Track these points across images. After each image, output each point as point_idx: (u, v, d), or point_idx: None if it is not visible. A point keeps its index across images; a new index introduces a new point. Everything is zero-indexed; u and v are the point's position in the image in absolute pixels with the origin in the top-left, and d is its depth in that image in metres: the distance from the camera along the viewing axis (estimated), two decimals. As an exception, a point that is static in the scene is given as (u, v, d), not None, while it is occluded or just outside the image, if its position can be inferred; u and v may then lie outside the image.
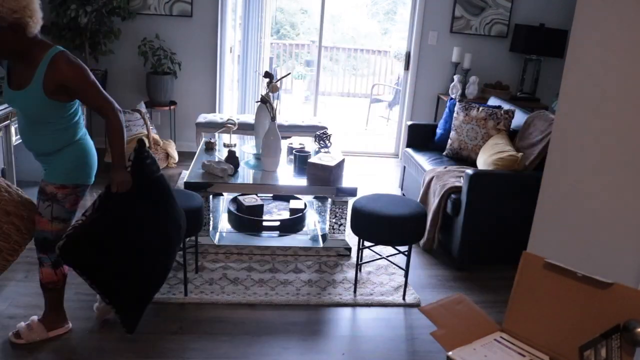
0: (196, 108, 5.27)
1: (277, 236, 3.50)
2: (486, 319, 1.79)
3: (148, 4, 4.90)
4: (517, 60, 5.45)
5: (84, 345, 2.40)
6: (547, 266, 1.70)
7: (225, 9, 5.06)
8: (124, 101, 5.13)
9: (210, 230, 3.36)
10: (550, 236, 2.31)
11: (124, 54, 5.03)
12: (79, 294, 2.79)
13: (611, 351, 1.48)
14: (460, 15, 5.25)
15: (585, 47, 2.12)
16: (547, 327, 1.67)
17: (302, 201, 3.82)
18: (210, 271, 3.08)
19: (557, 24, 5.26)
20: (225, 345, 2.48)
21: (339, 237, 3.40)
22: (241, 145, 3.98)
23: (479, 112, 3.92)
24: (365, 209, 2.83)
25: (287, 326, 2.66)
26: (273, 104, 3.37)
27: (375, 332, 2.67)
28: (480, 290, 3.12)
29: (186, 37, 5.06)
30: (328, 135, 3.92)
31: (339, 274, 3.17)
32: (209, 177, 3.25)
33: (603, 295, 1.56)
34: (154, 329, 2.55)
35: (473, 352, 1.62)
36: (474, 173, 3.18)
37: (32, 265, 3.03)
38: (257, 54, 5.49)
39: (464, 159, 4.00)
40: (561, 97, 2.24)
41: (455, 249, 3.33)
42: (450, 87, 5.18)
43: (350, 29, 10.63)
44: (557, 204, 2.27)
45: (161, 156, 4.67)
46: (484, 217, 3.25)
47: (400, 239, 2.83)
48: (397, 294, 2.98)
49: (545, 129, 3.47)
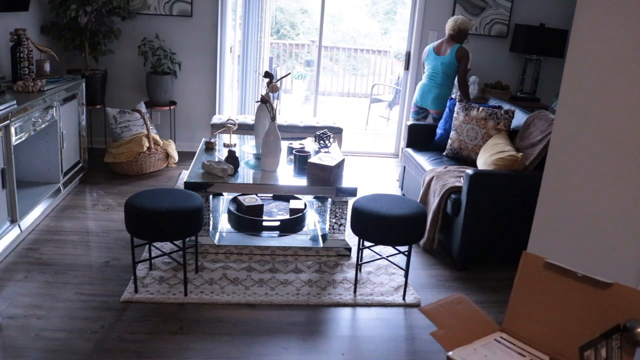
0: (196, 108, 5.28)
1: (277, 236, 3.50)
2: (486, 319, 1.78)
3: (148, 4, 4.90)
4: (517, 60, 5.45)
5: (84, 345, 2.40)
6: (547, 266, 1.69)
7: (225, 9, 5.06)
8: (124, 101, 5.14)
9: (210, 230, 3.36)
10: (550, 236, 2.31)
11: (124, 54, 5.03)
12: (78, 294, 2.79)
13: (611, 351, 1.48)
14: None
15: (585, 47, 2.11)
16: (547, 327, 1.66)
17: (302, 201, 3.82)
18: (210, 271, 3.08)
19: (557, 24, 5.26)
20: (225, 345, 2.48)
21: (339, 237, 3.40)
22: (241, 145, 3.98)
23: (479, 112, 3.92)
24: (365, 209, 2.83)
25: (287, 326, 2.66)
26: (273, 104, 3.37)
27: (375, 332, 2.67)
28: (480, 290, 3.12)
29: (186, 37, 5.06)
30: (328, 136, 3.92)
31: (339, 274, 3.17)
32: (209, 177, 3.25)
33: (603, 295, 1.56)
34: (154, 329, 2.55)
35: (473, 352, 1.62)
36: (474, 173, 3.18)
37: (32, 265, 3.03)
38: (257, 54, 5.49)
39: (464, 159, 4.00)
40: (561, 97, 2.24)
41: (455, 249, 3.33)
42: (450, 87, 5.17)
43: (350, 29, 10.63)
44: (557, 204, 2.26)
45: (161, 156, 4.67)
46: (484, 217, 3.25)
47: (400, 239, 2.83)
48: (397, 294, 2.98)
49: (545, 129, 3.47)
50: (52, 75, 4.03)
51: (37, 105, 3.41)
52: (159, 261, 3.13)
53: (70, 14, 4.39)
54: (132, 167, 4.49)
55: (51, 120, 3.69)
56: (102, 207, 3.91)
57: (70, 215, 3.73)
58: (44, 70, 4.03)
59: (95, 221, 3.67)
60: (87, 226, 3.59)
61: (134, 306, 2.72)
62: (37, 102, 3.39)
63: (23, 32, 3.66)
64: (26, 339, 2.41)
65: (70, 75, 4.27)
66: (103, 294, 2.81)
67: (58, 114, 3.78)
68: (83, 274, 2.98)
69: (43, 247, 3.25)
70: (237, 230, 3.54)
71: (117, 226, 3.60)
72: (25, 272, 2.96)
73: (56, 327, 2.51)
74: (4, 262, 3.05)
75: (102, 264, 3.11)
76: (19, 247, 3.23)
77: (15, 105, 3.13)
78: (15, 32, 3.64)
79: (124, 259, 3.18)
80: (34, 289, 2.81)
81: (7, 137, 3.06)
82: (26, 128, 3.32)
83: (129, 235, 3.05)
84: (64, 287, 2.85)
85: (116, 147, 4.46)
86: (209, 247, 3.29)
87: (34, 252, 3.20)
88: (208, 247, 3.29)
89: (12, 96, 3.30)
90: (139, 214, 2.63)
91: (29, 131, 3.36)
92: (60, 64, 4.72)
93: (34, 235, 3.40)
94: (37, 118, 3.44)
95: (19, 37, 3.65)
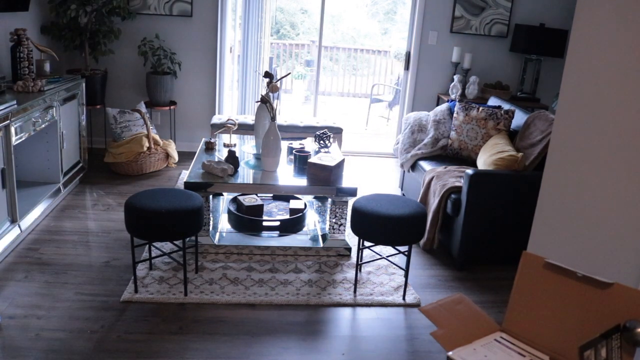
0: (196, 108, 5.28)
1: (277, 236, 3.50)
2: (486, 319, 1.78)
3: (148, 4, 4.90)
4: (517, 60, 5.45)
5: (84, 345, 2.40)
6: (547, 266, 1.69)
7: (225, 9, 5.05)
8: (124, 101, 5.14)
9: (210, 230, 3.36)
10: (550, 236, 2.31)
11: (124, 54, 5.03)
12: (78, 294, 2.79)
13: (611, 351, 1.48)
14: (460, 15, 5.25)
15: (585, 47, 2.11)
16: (547, 327, 1.67)
17: (302, 201, 3.82)
18: (210, 271, 3.08)
19: (557, 24, 5.26)
20: (225, 345, 2.48)
21: (339, 237, 3.40)
22: (241, 145, 3.98)
23: (479, 112, 3.92)
24: (365, 209, 2.83)
25: (287, 326, 2.66)
26: (273, 104, 3.37)
27: (375, 332, 2.67)
28: (480, 290, 3.12)
29: (186, 37, 5.06)
30: (328, 136, 3.92)
31: (339, 274, 3.17)
32: (209, 177, 3.25)
33: (603, 295, 1.56)
34: (154, 329, 2.55)
35: (473, 352, 1.62)
36: (474, 173, 3.18)
37: (32, 265, 3.03)
38: (257, 54, 5.49)
39: (464, 159, 4.00)
40: (561, 97, 2.24)
41: (455, 249, 3.33)
42: (450, 87, 5.18)
43: (350, 29, 10.63)
44: (557, 204, 2.26)
45: (161, 156, 4.67)
46: (484, 217, 3.25)
47: (400, 239, 2.83)
48: (397, 294, 2.98)
49: (545, 129, 3.47)
50: (52, 75, 4.02)
51: (37, 105, 3.41)
52: (159, 261, 3.13)
53: (70, 14, 4.39)
54: (132, 167, 4.50)
55: (51, 120, 3.68)
56: (102, 207, 3.91)
57: (70, 215, 3.73)
58: (44, 70, 4.03)
59: (95, 221, 3.67)
60: (87, 226, 3.59)
61: (134, 306, 2.72)
62: (37, 102, 3.39)
63: (23, 32, 3.66)
64: (26, 339, 2.41)
65: (70, 75, 4.27)
66: (103, 294, 2.81)
67: (58, 114, 3.78)
68: (83, 274, 2.98)
69: (43, 247, 3.25)
70: (237, 230, 3.54)
71: (117, 226, 3.60)
72: (25, 272, 2.96)
73: (56, 327, 2.51)
74: (4, 262, 3.06)
75: (102, 264, 3.11)
76: (19, 247, 3.23)
77: (15, 105, 3.13)
78: (15, 32, 3.64)
79: (124, 259, 3.18)
80: (34, 289, 2.81)
81: (7, 137, 3.06)
82: (26, 128, 3.32)
83: (129, 235, 3.05)
84: (64, 287, 2.85)
85: (116, 147, 4.46)
86: (209, 247, 3.29)
87: (34, 252, 3.20)
88: (208, 247, 3.29)
89: (12, 96, 3.30)
90: (139, 214, 2.63)
91: (29, 131, 3.36)
92: (60, 64, 4.72)
93: (34, 235, 3.40)
94: (37, 118, 3.44)
95: (19, 37, 3.65)
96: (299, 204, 3.76)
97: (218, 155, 3.67)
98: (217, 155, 3.67)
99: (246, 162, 3.60)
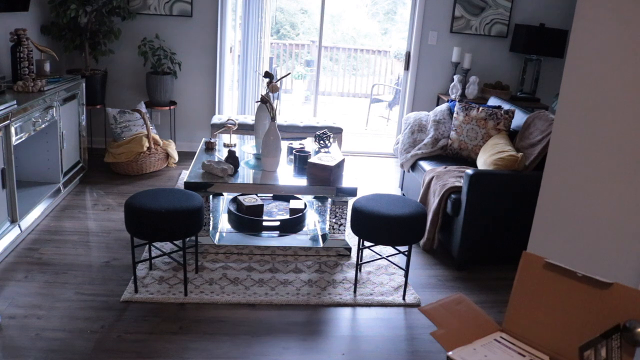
0: (196, 108, 5.28)
1: (277, 236, 3.50)
2: (486, 319, 1.78)
3: (148, 4, 4.90)
4: (517, 60, 5.45)
5: (84, 345, 2.41)
6: (547, 266, 1.69)
7: (225, 9, 5.06)
8: (124, 101, 5.14)
9: (210, 230, 3.36)
10: (550, 236, 2.31)
11: (124, 54, 5.03)
12: (79, 294, 2.79)
13: (611, 351, 1.48)
14: (460, 15, 5.25)
15: (585, 47, 2.11)
16: (547, 327, 1.67)
17: (302, 201, 3.82)
18: (210, 271, 3.08)
19: (557, 24, 5.26)
20: (225, 345, 2.48)
21: (339, 237, 3.40)
22: (241, 145, 3.98)
23: (479, 112, 3.92)
24: (365, 209, 2.83)
25: (287, 326, 2.66)
26: (273, 104, 3.37)
27: (375, 332, 2.67)
28: (480, 290, 3.12)
29: (186, 37, 5.06)
30: (328, 136, 3.92)
31: (339, 274, 3.17)
32: (209, 177, 3.25)
33: (603, 295, 1.56)
34: (154, 329, 2.55)
35: (473, 352, 1.62)
36: (474, 173, 3.18)
37: (32, 265, 3.03)
38: (257, 54, 5.49)
39: (464, 159, 4.00)
40: (561, 97, 2.24)
41: (455, 249, 3.33)
42: (450, 87, 5.18)
43: (350, 29, 10.63)
44: (557, 204, 2.26)
45: (161, 156, 4.67)
46: (484, 217, 3.25)
47: (400, 239, 2.83)
48: (397, 294, 2.98)
49: (545, 129, 3.47)
50: (52, 75, 4.03)
51: (37, 105, 3.41)
52: (159, 261, 3.13)
53: (70, 14, 4.39)
54: (132, 167, 4.50)
55: (51, 120, 3.69)
56: (102, 207, 3.91)
57: (70, 215, 3.73)
58: (44, 70, 4.03)
59: (95, 221, 3.67)
60: (87, 226, 3.59)
61: (134, 306, 2.72)
62: (37, 102, 3.39)
63: (23, 32, 3.66)
64: (26, 339, 2.41)
65: (70, 75, 4.27)
66: (103, 294, 2.81)
67: (58, 114, 3.78)
68: (83, 274, 2.98)
69: (43, 247, 3.25)
70: (237, 230, 3.54)
71: (117, 226, 3.60)
72: (25, 272, 2.96)
73: (56, 327, 2.51)
74: (4, 262, 3.06)
75: (102, 264, 3.11)
76: (19, 247, 3.23)
77: (15, 105, 3.13)
78: (15, 32, 3.64)
79: (124, 259, 3.18)
80: (34, 289, 2.81)
81: (7, 137, 3.06)
82: (26, 128, 3.32)
83: (129, 235, 3.05)
84: (64, 287, 2.85)
85: (116, 147, 4.46)
86: (209, 247, 3.29)
87: (34, 252, 3.20)
88: (208, 247, 3.29)
89: (12, 96, 3.30)
90: (139, 214, 2.63)
91: (29, 131, 3.36)
92: (60, 64, 4.73)
93: (34, 235, 3.40)
94: (37, 118, 3.44)
95: (19, 37, 3.65)
96: (299, 204, 3.76)
97: (218, 155, 3.67)
98: (217, 155, 3.67)
99: (246, 162, 3.60)
